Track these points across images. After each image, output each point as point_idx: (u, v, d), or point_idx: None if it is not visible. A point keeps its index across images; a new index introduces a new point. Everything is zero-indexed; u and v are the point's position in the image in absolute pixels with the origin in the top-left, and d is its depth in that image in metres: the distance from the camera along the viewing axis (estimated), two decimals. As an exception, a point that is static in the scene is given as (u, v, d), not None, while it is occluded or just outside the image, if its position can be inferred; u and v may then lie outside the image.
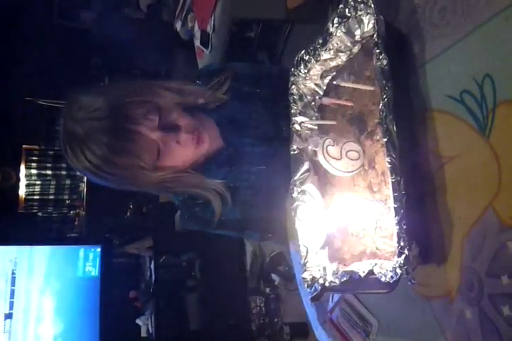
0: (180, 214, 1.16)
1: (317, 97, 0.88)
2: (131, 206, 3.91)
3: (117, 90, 1.02)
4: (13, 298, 2.79)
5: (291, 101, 0.90)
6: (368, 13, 0.73)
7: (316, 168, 0.88)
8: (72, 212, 4.39)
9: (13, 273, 2.84)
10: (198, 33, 2.72)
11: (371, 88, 0.75)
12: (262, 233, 1.27)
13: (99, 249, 3.02)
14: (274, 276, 2.69)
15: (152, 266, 3.07)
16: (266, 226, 1.19)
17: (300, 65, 0.88)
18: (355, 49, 0.79)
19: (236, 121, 1.12)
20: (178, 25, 2.99)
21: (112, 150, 0.94)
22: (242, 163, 1.11)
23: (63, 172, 4.49)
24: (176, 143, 1.00)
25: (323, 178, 0.87)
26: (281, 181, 0.97)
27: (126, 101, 0.97)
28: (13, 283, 2.82)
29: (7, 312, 2.76)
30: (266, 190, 1.11)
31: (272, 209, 1.11)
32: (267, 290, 2.77)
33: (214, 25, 2.55)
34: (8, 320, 2.75)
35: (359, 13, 0.75)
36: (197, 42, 2.74)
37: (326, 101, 0.84)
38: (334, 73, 0.85)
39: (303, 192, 0.89)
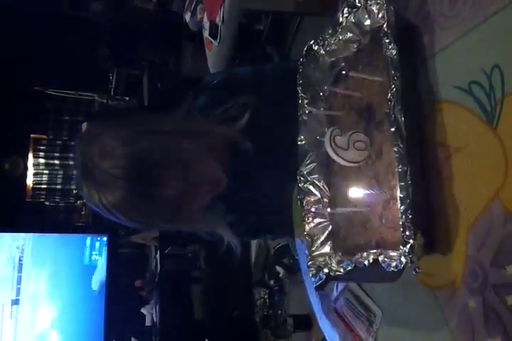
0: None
1: (325, 88, 0.88)
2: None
3: (142, 142, 0.94)
4: (20, 285, 2.83)
5: (299, 91, 0.91)
6: (377, 4, 0.73)
7: (323, 159, 0.88)
8: (79, 201, 4.42)
9: (20, 260, 2.87)
10: (207, 25, 2.71)
11: (380, 79, 0.75)
12: (275, 234, 1.28)
13: (105, 238, 3.04)
14: (278, 269, 2.70)
15: (158, 256, 3.10)
16: (278, 227, 1.18)
17: (309, 56, 0.88)
18: (365, 39, 0.79)
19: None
20: (188, 17, 2.98)
21: (130, 205, 0.91)
22: (249, 175, 1.09)
23: (71, 162, 4.51)
24: (200, 196, 0.98)
25: (329, 169, 0.87)
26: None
27: (149, 160, 0.91)
28: (20, 270, 2.86)
29: (14, 298, 2.79)
30: (278, 199, 1.10)
31: (284, 214, 1.09)
32: (271, 282, 2.79)
33: (223, 16, 2.54)
34: (15, 306, 2.79)
35: (369, 3, 0.74)
36: (206, 34, 2.73)
37: (334, 91, 0.84)
38: (343, 64, 0.85)
39: (309, 182, 0.89)
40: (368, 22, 0.76)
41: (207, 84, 1.17)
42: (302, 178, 0.89)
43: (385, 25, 0.70)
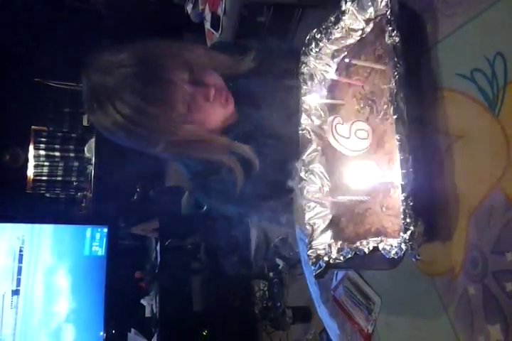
0: (193, 189, 1.13)
1: (327, 76, 0.88)
2: (138, 189, 3.93)
3: (145, 44, 0.99)
4: (20, 275, 2.84)
5: (301, 80, 0.91)
6: (381, -9, 0.73)
7: (324, 148, 0.88)
8: (79, 193, 4.42)
9: (20, 251, 2.88)
10: (208, 16, 2.70)
11: (382, 67, 0.75)
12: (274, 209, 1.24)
13: (105, 229, 3.05)
14: (278, 261, 2.71)
15: (158, 247, 3.10)
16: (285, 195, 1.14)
17: (311, 44, 0.87)
18: (368, 28, 0.79)
19: (251, 93, 1.09)
20: (189, 8, 2.97)
21: (145, 97, 0.91)
22: (259, 135, 1.08)
23: (71, 154, 4.51)
24: (205, 100, 0.98)
25: (330, 158, 0.87)
26: None
27: (155, 52, 0.95)
28: (20, 261, 2.87)
29: (14, 288, 2.81)
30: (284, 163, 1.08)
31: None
32: (271, 274, 2.80)
33: (225, 8, 2.54)
34: (15, 296, 2.80)
35: (372, -9, 0.74)
36: (207, 25, 2.73)
37: (336, 79, 0.84)
38: (346, 52, 0.85)
39: (310, 171, 0.89)
40: (371, 10, 0.76)
41: (216, 45, 1.24)
42: (303, 167, 0.89)
43: (388, 13, 0.70)
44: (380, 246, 0.66)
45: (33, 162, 4.42)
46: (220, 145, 1.05)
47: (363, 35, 0.80)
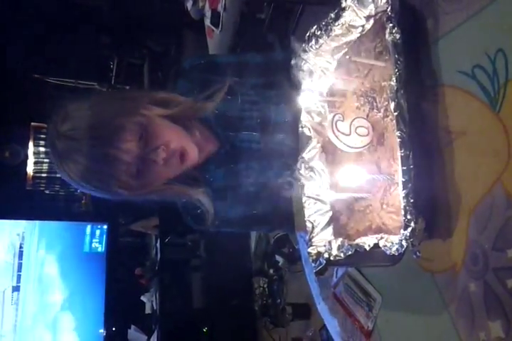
0: (183, 215, 1.15)
1: (327, 73, 0.88)
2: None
3: (102, 105, 1.01)
4: (20, 272, 2.84)
5: (301, 77, 0.90)
6: (382, -12, 0.73)
7: (324, 145, 0.88)
8: (79, 190, 4.41)
9: (20, 247, 2.88)
10: (208, 13, 2.69)
11: (382, 64, 0.75)
12: (271, 225, 1.26)
13: (105, 226, 3.05)
14: (277, 258, 2.72)
15: (158, 244, 3.11)
16: (275, 219, 1.17)
17: (311, 41, 0.87)
18: (368, 24, 0.79)
19: (228, 117, 1.10)
20: (189, 5, 2.96)
21: (89, 171, 0.94)
22: (240, 160, 1.10)
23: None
24: (156, 163, 0.97)
25: (330, 155, 0.87)
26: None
27: (107, 120, 0.95)
28: (20, 257, 2.87)
29: (15, 284, 2.81)
30: (272, 183, 1.10)
31: (280, 201, 1.09)
32: (271, 271, 2.80)
33: (225, 4, 2.53)
34: (15, 293, 2.81)
35: (373, -13, 0.74)
36: (207, 22, 2.72)
37: (336, 77, 0.84)
38: (346, 49, 0.85)
39: (310, 168, 0.89)
40: (371, 6, 0.76)
41: (184, 68, 1.19)
42: (303, 164, 0.89)
43: (388, 10, 0.69)
44: (381, 243, 0.66)
45: (33, 159, 4.41)
46: (177, 193, 1.07)
47: (364, 32, 0.80)
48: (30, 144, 4.36)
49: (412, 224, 0.61)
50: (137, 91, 1.14)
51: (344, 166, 0.84)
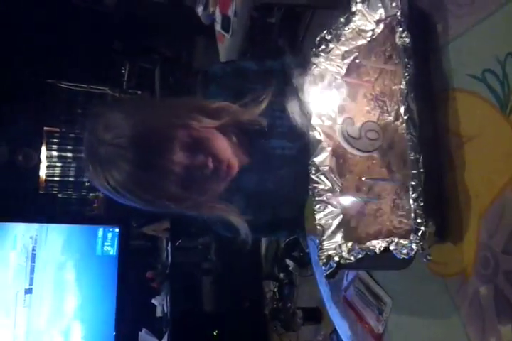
0: (211, 222, 1.13)
1: (338, 77, 0.88)
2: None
3: (147, 113, 0.97)
4: (33, 274, 2.87)
5: (312, 81, 0.91)
6: (391, -8, 0.73)
7: (335, 149, 0.89)
8: (91, 194, 4.44)
9: (33, 250, 2.90)
10: (219, 18, 2.71)
11: (392, 68, 0.75)
12: (290, 231, 1.27)
13: (117, 230, 3.06)
14: (288, 262, 2.71)
15: (169, 247, 3.12)
16: (295, 222, 1.17)
17: (322, 45, 0.88)
18: (378, 29, 0.79)
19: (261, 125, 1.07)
20: (200, 10, 2.98)
21: (133, 179, 0.91)
22: (273, 167, 1.09)
23: (83, 155, 4.53)
24: (205, 175, 0.96)
25: (341, 159, 0.88)
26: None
27: (153, 129, 0.92)
28: (33, 260, 2.89)
29: (27, 287, 2.83)
30: (297, 190, 1.10)
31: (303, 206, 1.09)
32: (281, 275, 2.79)
33: (235, 10, 2.54)
34: (28, 295, 2.83)
35: (382, -9, 0.74)
36: (218, 27, 2.73)
37: (346, 80, 0.85)
38: (356, 53, 0.85)
39: (321, 172, 0.89)
40: (381, 11, 0.76)
41: (215, 74, 1.17)
42: (314, 168, 0.89)
43: (398, 14, 0.70)
44: (391, 247, 0.66)
45: (46, 163, 4.46)
46: (215, 213, 1.03)
47: (373, 36, 0.80)
48: (43, 148, 4.41)
49: (423, 227, 0.61)
50: (187, 100, 1.08)
51: (355, 170, 0.84)
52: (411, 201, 0.63)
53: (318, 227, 0.86)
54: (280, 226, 1.19)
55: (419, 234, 0.61)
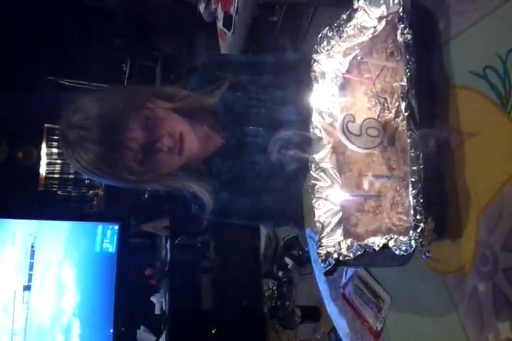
0: (192, 203, 1.21)
1: (339, 74, 0.88)
2: (148, 188, 3.94)
3: (111, 98, 1.08)
4: (31, 271, 2.87)
5: (313, 78, 0.91)
6: (393, -11, 0.73)
7: (335, 146, 0.89)
8: (91, 191, 4.45)
9: (32, 247, 2.91)
10: (220, 15, 2.71)
11: (394, 65, 0.75)
12: (276, 220, 1.30)
13: (116, 227, 3.06)
14: (287, 260, 2.71)
15: (168, 245, 3.12)
16: (280, 213, 1.21)
17: (323, 42, 0.88)
18: (380, 25, 0.79)
19: (236, 112, 1.17)
20: (202, 7, 2.98)
21: (99, 158, 1.01)
22: (245, 154, 1.17)
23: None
24: (160, 150, 1.04)
25: (341, 156, 0.87)
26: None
27: (116, 111, 1.02)
28: (32, 256, 2.90)
29: (26, 284, 2.84)
30: (277, 176, 1.14)
31: (285, 195, 1.15)
32: (280, 273, 2.79)
33: (237, 7, 2.54)
34: (26, 292, 2.83)
35: (384, -12, 0.74)
36: (219, 25, 2.73)
37: (348, 77, 0.84)
38: (357, 50, 0.85)
39: (321, 169, 0.89)
40: (383, 7, 0.76)
41: (198, 64, 1.26)
42: (314, 165, 0.89)
43: (400, 10, 0.70)
44: (390, 244, 0.66)
45: (46, 160, 4.46)
46: (177, 185, 1.14)
47: (375, 33, 0.80)
48: (43, 145, 4.41)
49: (422, 224, 0.61)
50: (145, 86, 1.22)
51: (355, 167, 0.84)
52: (410, 197, 0.63)
53: (317, 224, 0.86)
54: (261, 215, 1.24)
55: (419, 230, 0.61)
